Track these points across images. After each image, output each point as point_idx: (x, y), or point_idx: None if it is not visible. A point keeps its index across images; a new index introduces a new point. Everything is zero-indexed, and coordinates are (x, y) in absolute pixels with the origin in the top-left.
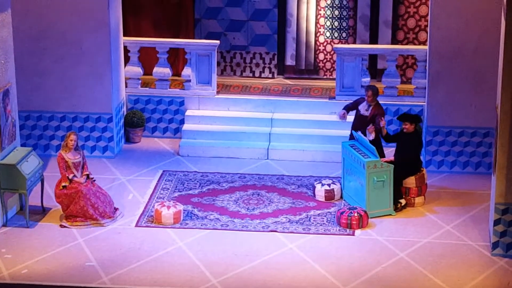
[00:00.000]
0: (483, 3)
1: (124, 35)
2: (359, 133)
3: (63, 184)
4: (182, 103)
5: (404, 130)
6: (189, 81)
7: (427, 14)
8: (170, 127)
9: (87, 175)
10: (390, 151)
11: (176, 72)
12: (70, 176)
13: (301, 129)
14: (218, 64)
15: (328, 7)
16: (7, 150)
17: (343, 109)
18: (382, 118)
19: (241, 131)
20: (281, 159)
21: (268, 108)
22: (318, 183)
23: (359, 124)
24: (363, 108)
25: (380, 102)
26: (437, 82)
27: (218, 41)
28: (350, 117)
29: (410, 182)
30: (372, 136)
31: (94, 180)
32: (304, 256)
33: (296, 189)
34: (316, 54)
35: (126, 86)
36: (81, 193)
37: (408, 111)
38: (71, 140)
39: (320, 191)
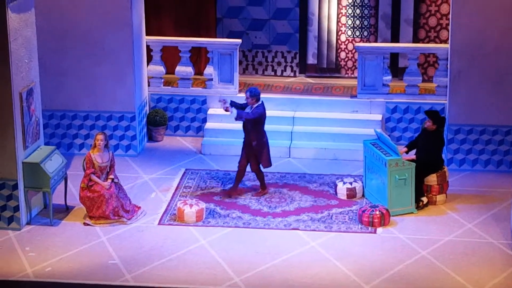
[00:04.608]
0: (504, 1)
1: (147, 34)
2: (380, 131)
3: (82, 185)
4: (204, 102)
5: (425, 126)
6: (211, 80)
7: (449, 13)
8: (193, 126)
9: (112, 179)
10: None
11: (198, 71)
12: (92, 176)
13: (322, 127)
14: (240, 63)
15: (350, 5)
16: (31, 148)
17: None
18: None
19: None
20: (303, 157)
21: (290, 106)
22: (340, 181)
23: (244, 127)
24: (247, 110)
25: (396, 100)
26: (459, 80)
27: (240, 40)
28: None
29: (432, 180)
30: (225, 106)
31: (117, 182)
32: (326, 254)
33: (317, 187)
34: (338, 53)
35: (148, 85)
36: (104, 197)
37: (430, 108)
38: (97, 140)
39: (342, 189)
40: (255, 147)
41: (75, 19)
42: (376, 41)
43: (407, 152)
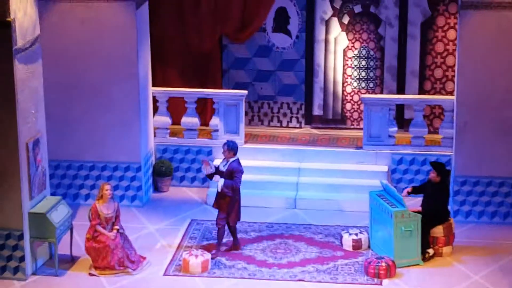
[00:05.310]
0: (509, 52)
1: (153, 85)
2: (386, 182)
3: (88, 235)
4: (210, 153)
5: (430, 177)
6: (217, 130)
7: (454, 65)
8: (198, 177)
9: (117, 229)
10: (416, 201)
11: (204, 122)
12: (97, 227)
13: (328, 178)
14: (246, 113)
15: (355, 57)
16: (37, 199)
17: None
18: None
19: (268, 181)
20: (309, 208)
21: (295, 157)
22: (346, 232)
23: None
24: (221, 164)
25: (402, 151)
26: (465, 131)
27: (245, 91)
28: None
29: (438, 231)
30: (207, 170)
31: (123, 232)
32: None
33: (323, 239)
34: (343, 104)
35: (154, 136)
36: (109, 248)
37: (436, 160)
38: (105, 190)
39: (347, 241)
40: (228, 202)
41: (81, 70)
42: (381, 92)
43: (410, 193)
